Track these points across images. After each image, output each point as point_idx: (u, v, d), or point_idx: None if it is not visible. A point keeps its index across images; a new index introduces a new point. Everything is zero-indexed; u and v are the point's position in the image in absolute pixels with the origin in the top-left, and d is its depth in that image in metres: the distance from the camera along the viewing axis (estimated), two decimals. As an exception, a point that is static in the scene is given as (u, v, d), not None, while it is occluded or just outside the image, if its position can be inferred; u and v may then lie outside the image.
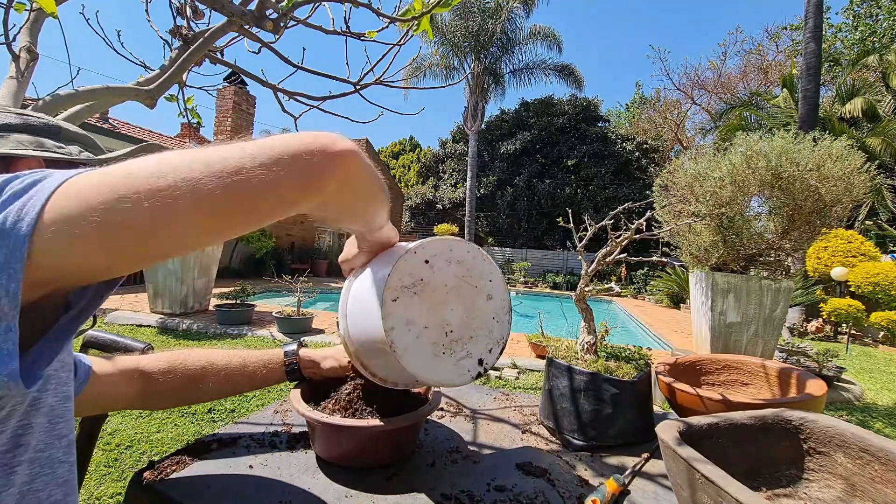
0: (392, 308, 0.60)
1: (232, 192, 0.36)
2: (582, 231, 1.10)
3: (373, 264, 0.68)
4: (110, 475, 1.87)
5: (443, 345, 0.65)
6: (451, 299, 0.67)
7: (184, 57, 1.25)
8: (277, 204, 0.39)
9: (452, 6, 1.26)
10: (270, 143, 0.39)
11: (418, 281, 0.63)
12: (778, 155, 3.07)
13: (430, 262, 0.65)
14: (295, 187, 0.40)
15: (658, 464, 0.80)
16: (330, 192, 0.43)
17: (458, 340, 0.67)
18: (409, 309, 0.61)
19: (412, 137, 33.69)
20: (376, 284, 0.62)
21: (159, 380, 0.73)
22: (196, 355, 0.77)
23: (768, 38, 22.07)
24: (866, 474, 0.61)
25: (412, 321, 0.62)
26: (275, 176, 0.38)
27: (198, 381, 0.75)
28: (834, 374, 3.76)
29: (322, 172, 0.41)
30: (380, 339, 0.59)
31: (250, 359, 0.81)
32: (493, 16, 16.20)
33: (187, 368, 0.75)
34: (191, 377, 0.75)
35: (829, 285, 7.85)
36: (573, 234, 1.09)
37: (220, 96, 10.55)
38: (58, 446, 0.46)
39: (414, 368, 0.60)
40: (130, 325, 4.64)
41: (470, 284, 0.70)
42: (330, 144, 0.42)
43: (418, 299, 0.63)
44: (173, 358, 0.76)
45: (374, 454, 0.74)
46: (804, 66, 8.51)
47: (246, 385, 0.80)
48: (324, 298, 8.52)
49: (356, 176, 0.45)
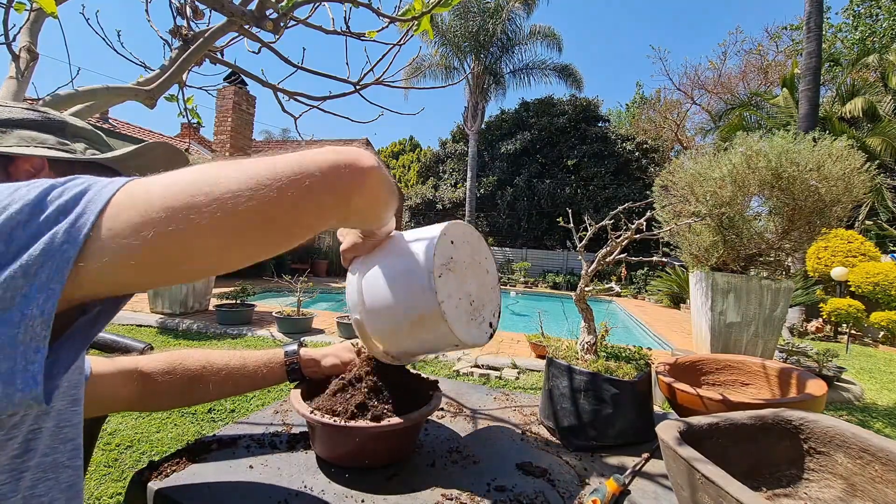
0: (440, 284, 0.67)
1: (286, 210, 0.38)
2: (582, 231, 1.10)
3: (384, 251, 0.73)
4: (110, 475, 1.87)
5: (471, 312, 0.76)
6: (469, 274, 0.77)
7: (184, 57, 1.25)
8: (316, 220, 0.41)
9: (452, 6, 1.26)
10: (306, 162, 0.40)
11: (449, 259, 0.72)
12: (778, 155, 3.07)
13: (455, 243, 0.74)
14: (331, 206, 0.42)
15: (658, 464, 0.80)
16: (356, 206, 0.45)
17: (478, 308, 0.78)
18: (447, 284, 0.70)
19: (412, 137, 33.70)
20: (416, 265, 0.68)
21: (158, 380, 0.72)
22: (195, 356, 0.77)
23: (768, 38, 22.09)
24: (866, 474, 0.61)
25: (451, 294, 0.70)
26: (316, 196, 0.40)
27: (197, 382, 0.75)
28: (834, 374, 3.76)
29: (352, 188, 0.43)
30: (430, 313, 0.67)
31: (250, 359, 0.81)
32: (493, 16, 16.20)
33: (187, 369, 0.75)
34: (190, 378, 0.75)
35: (829, 285, 7.85)
36: (573, 234, 1.09)
37: (220, 96, 10.55)
38: (62, 451, 0.45)
39: (460, 333, 0.69)
40: (130, 325, 4.64)
41: (476, 261, 0.80)
42: (356, 160, 0.44)
43: (452, 275, 0.72)
44: (172, 358, 0.75)
45: (374, 454, 0.74)
46: (804, 66, 8.52)
47: (246, 385, 0.80)
48: (324, 298, 8.52)
49: (379, 188, 0.47)
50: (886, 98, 13.66)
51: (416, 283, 0.67)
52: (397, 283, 0.70)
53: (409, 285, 0.69)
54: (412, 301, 0.68)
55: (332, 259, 12.89)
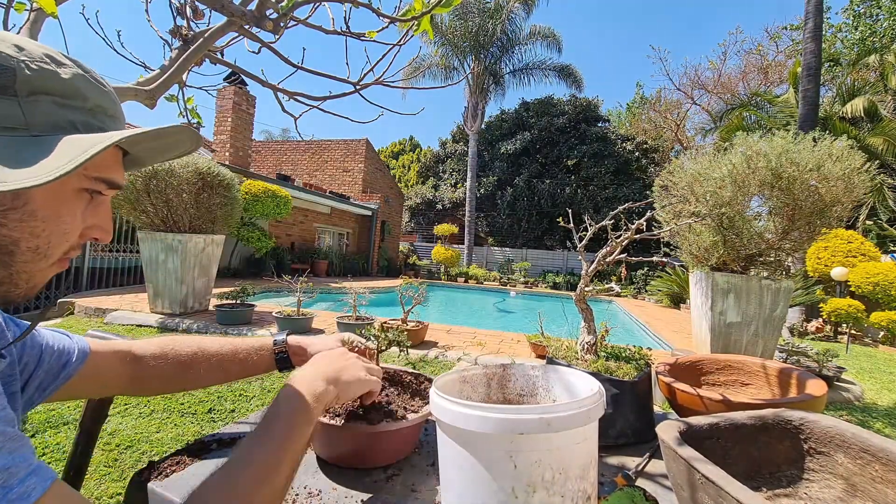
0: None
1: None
2: (582, 231, 1.10)
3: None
4: (110, 475, 1.87)
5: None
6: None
7: (184, 57, 1.25)
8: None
9: (453, 6, 1.26)
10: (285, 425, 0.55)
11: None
12: (778, 155, 3.07)
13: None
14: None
15: (658, 464, 0.80)
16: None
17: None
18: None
19: (412, 137, 33.73)
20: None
21: (151, 364, 0.73)
22: (188, 341, 0.77)
23: (768, 38, 22.07)
24: (867, 474, 0.61)
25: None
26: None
27: (188, 367, 0.75)
28: (834, 374, 3.76)
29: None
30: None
31: (241, 346, 0.81)
32: (492, 16, 16.21)
33: (178, 353, 0.75)
34: (182, 363, 0.75)
35: (829, 285, 7.85)
36: (573, 234, 1.09)
37: (220, 96, 10.54)
38: None
39: None
40: (130, 325, 4.64)
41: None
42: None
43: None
44: (164, 343, 0.75)
45: (375, 455, 0.74)
46: (804, 66, 8.51)
47: (237, 371, 0.79)
48: (324, 298, 8.52)
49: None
50: (887, 98, 13.66)
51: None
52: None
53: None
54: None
55: (332, 259, 12.88)
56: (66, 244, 0.45)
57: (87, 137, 0.40)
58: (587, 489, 0.56)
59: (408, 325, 4.21)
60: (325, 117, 72.13)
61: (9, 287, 0.43)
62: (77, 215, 0.45)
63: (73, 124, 0.42)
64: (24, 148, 0.37)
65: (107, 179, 0.46)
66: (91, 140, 0.40)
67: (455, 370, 0.74)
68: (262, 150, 16.59)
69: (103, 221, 0.48)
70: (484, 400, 0.75)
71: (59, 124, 0.41)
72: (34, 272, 0.44)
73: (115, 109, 0.47)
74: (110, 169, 0.47)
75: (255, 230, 9.08)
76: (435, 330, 5.20)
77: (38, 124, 0.39)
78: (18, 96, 0.39)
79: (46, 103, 0.40)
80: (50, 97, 0.40)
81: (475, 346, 4.51)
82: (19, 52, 0.40)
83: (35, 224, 0.41)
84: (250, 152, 10.99)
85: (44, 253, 0.43)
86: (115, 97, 0.48)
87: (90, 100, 0.44)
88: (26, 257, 0.42)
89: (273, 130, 39.80)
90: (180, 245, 4.93)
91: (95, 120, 0.44)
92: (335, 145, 15.63)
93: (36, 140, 0.39)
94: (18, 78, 0.39)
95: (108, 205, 0.49)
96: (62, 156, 0.37)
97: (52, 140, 0.39)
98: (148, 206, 4.95)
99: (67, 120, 0.41)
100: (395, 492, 0.67)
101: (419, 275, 15.55)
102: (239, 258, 9.92)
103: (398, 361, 3.61)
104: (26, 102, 0.39)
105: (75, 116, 0.42)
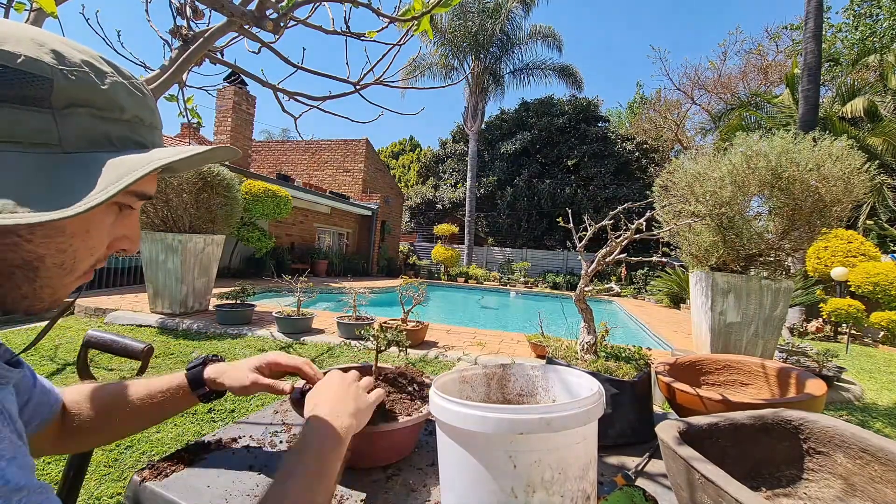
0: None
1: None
2: (582, 231, 1.10)
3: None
4: (110, 475, 1.87)
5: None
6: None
7: (184, 57, 1.26)
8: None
9: (452, 6, 1.26)
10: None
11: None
12: (778, 155, 3.07)
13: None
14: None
15: (658, 464, 0.80)
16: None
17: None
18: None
19: (412, 137, 33.74)
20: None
21: (73, 415, 0.65)
22: (100, 392, 0.69)
23: (768, 38, 22.07)
24: (866, 474, 0.61)
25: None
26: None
27: (106, 418, 0.67)
28: (834, 374, 3.76)
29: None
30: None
31: (155, 388, 0.71)
32: (492, 16, 16.21)
33: (98, 405, 0.67)
34: (100, 414, 0.67)
35: (829, 285, 7.85)
36: (573, 234, 1.09)
37: (220, 96, 10.54)
38: None
39: None
40: (130, 325, 4.64)
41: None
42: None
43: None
44: (81, 391, 0.68)
45: (374, 454, 0.74)
46: (804, 66, 8.51)
47: (157, 416, 0.72)
48: (324, 298, 8.53)
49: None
50: (887, 98, 13.66)
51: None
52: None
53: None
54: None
55: (332, 259, 12.88)
56: (92, 258, 0.43)
57: (126, 160, 0.38)
58: (587, 489, 0.56)
59: (408, 325, 4.21)
60: (325, 117, 72.14)
61: (32, 301, 0.41)
62: (105, 229, 0.43)
63: (109, 138, 0.39)
64: (58, 171, 0.35)
65: (139, 193, 0.45)
66: (130, 164, 0.37)
67: (455, 370, 0.74)
68: (262, 150, 16.59)
69: (131, 232, 0.46)
70: (484, 400, 0.75)
71: (95, 139, 0.38)
72: (58, 287, 0.42)
73: (153, 118, 0.45)
74: (145, 184, 0.45)
75: (255, 230, 9.08)
76: (435, 330, 5.21)
77: (71, 140, 0.36)
78: (53, 108, 0.36)
79: (82, 115, 0.37)
80: (87, 109, 0.38)
81: (475, 346, 4.51)
82: (57, 60, 0.37)
83: (62, 240, 0.39)
84: (250, 152, 10.99)
85: (69, 268, 0.41)
86: (153, 103, 0.45)
87: (128, 111, 0.41)
88: (51, 273, 0.40)
89: (273, 130, 39.84)
90: (180, 245, 4.94)
91: (133, 133, 0.41)
92: (335, 145, 15.63)
93: (69, 159, 0.36)
94: (55, 89, 0.36)
95: (137, 216, 0.47)
96: (99, 182, 0.35)
97: (86, 160, 0.36)
98: (148, 206, 4.95)
99: (103, 134, 0.39)
100: (394, 492, 0.67)
101: (419, 275, 15.55)
102: (239, 258, 9.92)
103: (398, 361, 3.61)
104: (61, 115, 0.36)
105: (111, 129, 0.39)
